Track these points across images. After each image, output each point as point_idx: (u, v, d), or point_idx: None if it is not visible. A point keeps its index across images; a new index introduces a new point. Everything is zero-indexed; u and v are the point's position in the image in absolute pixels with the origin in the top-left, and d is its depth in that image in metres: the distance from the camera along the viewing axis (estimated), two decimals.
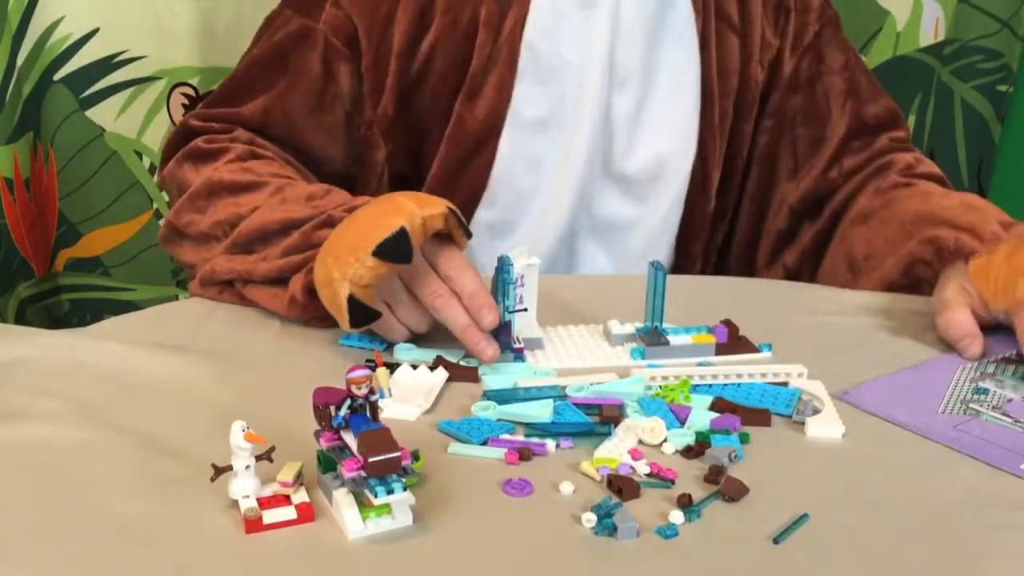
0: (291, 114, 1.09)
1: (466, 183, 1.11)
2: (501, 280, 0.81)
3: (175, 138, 1.11)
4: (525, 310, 0.85)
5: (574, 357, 0.84)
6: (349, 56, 1.08)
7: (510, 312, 0.81)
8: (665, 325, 0.86)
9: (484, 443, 0.71)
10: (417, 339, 0.86)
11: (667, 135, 1.14)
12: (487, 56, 1.07)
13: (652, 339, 0.85)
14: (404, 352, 0.84)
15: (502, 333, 0.81)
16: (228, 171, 1.01)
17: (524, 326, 0.86)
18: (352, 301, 0.79)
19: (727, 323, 0.87)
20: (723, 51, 1.15)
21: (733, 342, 0.86)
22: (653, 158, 1.14)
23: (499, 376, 0.80)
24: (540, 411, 0.74)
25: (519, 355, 0.83)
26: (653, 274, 0.85)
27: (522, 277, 0.84)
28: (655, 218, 1.16)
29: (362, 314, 0.80)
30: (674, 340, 0.85)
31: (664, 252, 1.18)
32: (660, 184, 1.15)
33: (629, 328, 0.87)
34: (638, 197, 1.15)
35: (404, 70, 1.08)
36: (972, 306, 0.89)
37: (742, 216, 1.23)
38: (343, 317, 0.80)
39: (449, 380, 0.80)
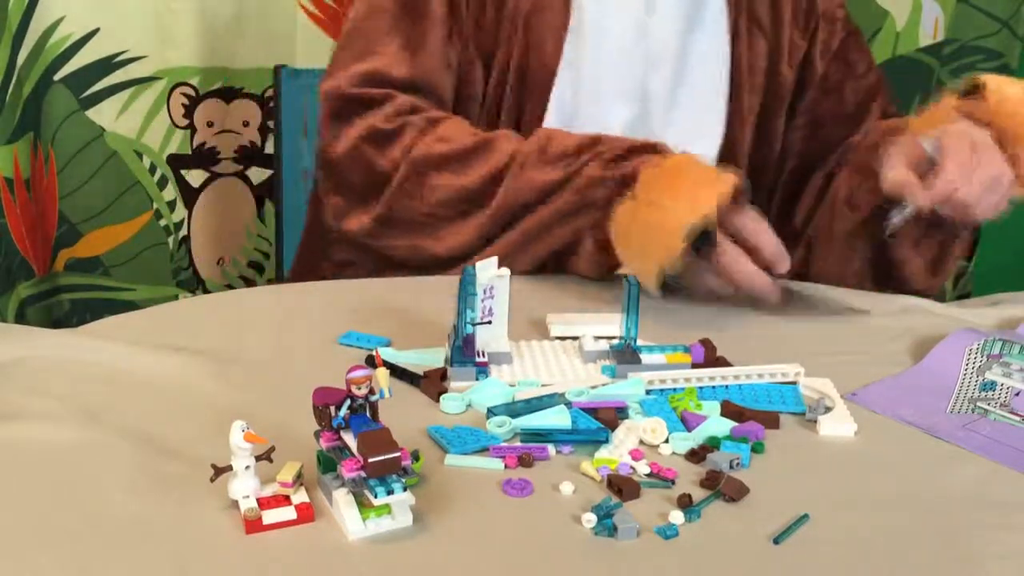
0: (434, 59, 1.09)
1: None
2: (463, 292, 0.79)
3: (331, 108, 1.09)
4: (489, 323, 0.83)
5: (541, 373, 0.82)
6: None
7: (472, 325, 0.79)
8: (641, 343, 0.85)
9: (486, 450, 0.71)
10: (401, 340, 0.86)
11: (696, 117, 1.17)
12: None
13: (624, 357, 0.83)
14: (388, 355, 0.83)
15: (465, 346, 0.79)
16: (426, 147, 1.02)
17: (491, 339, 0.84)
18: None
19: (705, 342, 0.85)
20: (753, 50, 1.19)
21: (710, 362, 0.84)
22: (685, 136, 1.14)
23: (485, 393, 0.78)
24: (559, 418, 0.74)
25: (482, 369, 0.80)
26: (628, 289, 0.83)
27: (491, 288, 0.83)
28: None
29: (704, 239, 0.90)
30: (647, 358, 0.83)
31: None
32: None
33: (603, 345, 0.86)
34: None
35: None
36: (909, 158, 0.98)
37: (773, 207, 1.26)
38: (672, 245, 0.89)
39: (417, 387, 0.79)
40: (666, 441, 0.72)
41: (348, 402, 0.62)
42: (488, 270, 0.82)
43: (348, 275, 1.11)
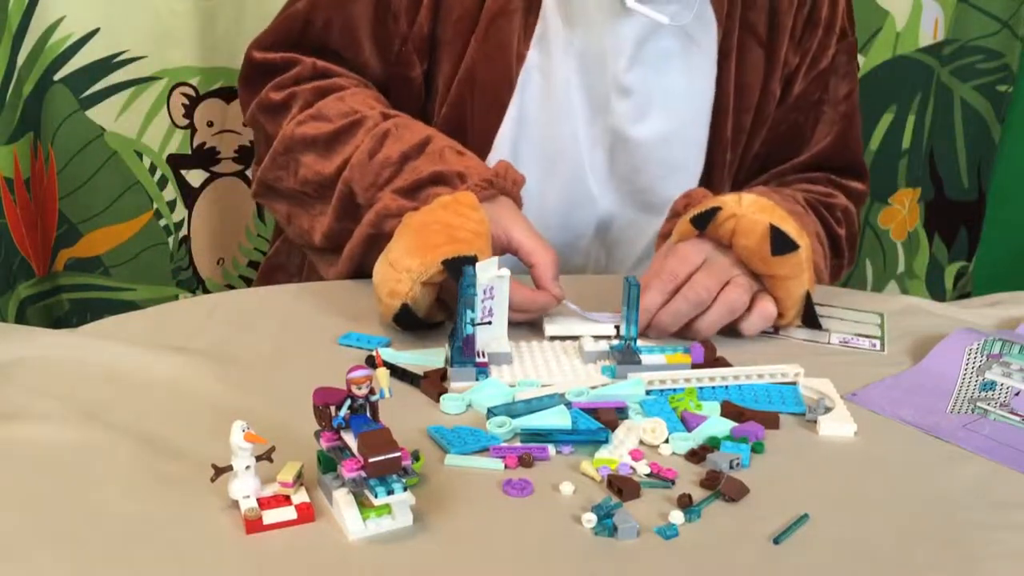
0: (351, 22, 1.09)
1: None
2: (463, 292, 0.79)
3: (245, 72, 1.13)
4: (489, 323, 0.83)
5: (541, 373, 0.82)
6: None
7: (473, 325, 0.80)
8: (641, 343, 0.85)
9: (486, 450, 0.71)
10: (401, 340, 0.86)
11: (670, 152, 1.13)
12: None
13: (625, 358, 0.83)
14: (388, 355, 0.83)
15: (465, 347, 0.80)
16: (298, 124, 1.03)
17: (491, 340, 0.84)
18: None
19: (704, 343, 0.85)
20: (745, 65, 1.12)
21: (710, 363, 0.83)
22: (662, 172, 1.13)
23: (485, 393, 0.78)
24: (559, 418, 0.74)
25: (482, 369, 0.81)
26: (627, 289, 0.83)
27: (491, 289, 0.83)
28: (653, 235, 1.13)
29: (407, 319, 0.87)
30: (647, 359, 0.83)
31: None
32: (664, 201, 1.11)
33: (603, 345, 0.86)
34: (648, 208, 1.15)
35: None
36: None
37: None
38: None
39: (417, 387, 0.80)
40: (666, 441, 0.72)
41: (348, 402, 0.62)
42: (488, 270, 0.82)
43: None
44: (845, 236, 1.15)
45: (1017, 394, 0.80)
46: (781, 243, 0.88)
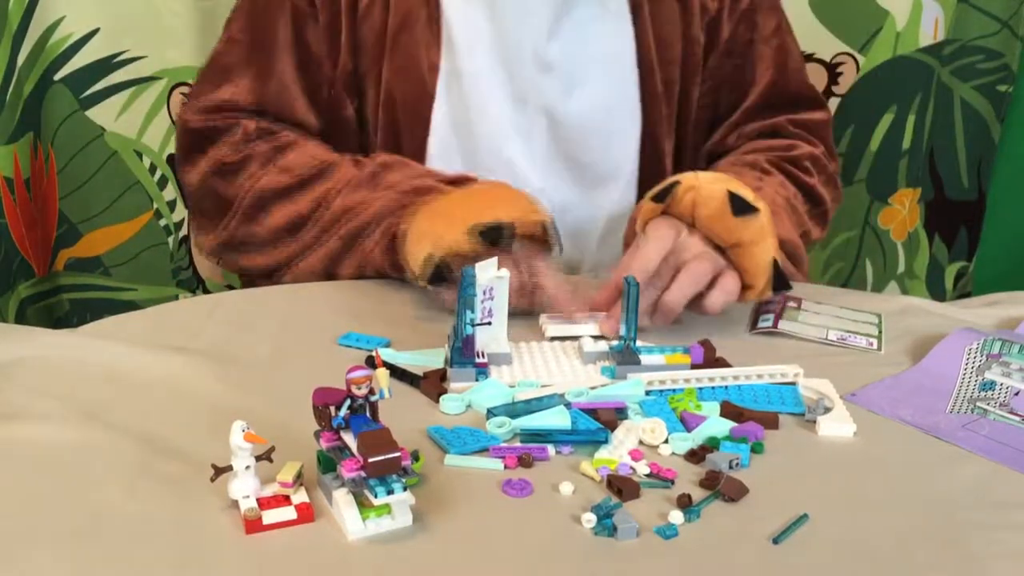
0: (282, 86, 1.10)
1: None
2: (464, 293, 0.79)
3: (182, 140, 1.12)
4: (489, 323, 0.83)
5: (541, 374, 0.82)
6: (311, 14, 1.08)
7: (472, 325, 0.80)
8: (640, 344, 0.85)
9: (485, 450, 0.71)
10: (401, 340, 0.86)
11: (604, 118, 1.13)
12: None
13: (624, 358, 0.83)
14: (388, 355, 0.83)
15: (465, 347, 0.80)
16: (265, 177, 1.05)
17: (491, 340, 0.84)
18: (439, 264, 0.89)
19: (704, 343, 0.85)
20: (661, 17, 1.13)
21: (710, 363, 0.84)
22: (599, 140, 1.13)
23: (485, 394, 0.78)
24: (559, 419, 0.74)
25: (482, 370, 0.81)
26: (627, 290, 0.83)
27: (491, 289, 0.83)
28: (609, 208, 1.16)
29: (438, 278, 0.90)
30: (647, 359, 0.83)
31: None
32: (610, 170, 1.14)
33: (602, 346, 0.86)
34: (596, 183, 1.15)
35: (352, 25, 1.08)
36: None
37: None
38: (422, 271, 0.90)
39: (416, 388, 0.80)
40: (666, 441, 0.72)
41: (348, 402, 0.62)
42: (488, 271, 0.82)
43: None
44: (819, 182, 1.16)
45: (1017, 394, 0.80)
46: (740, 205, 0.89)
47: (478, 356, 0.81)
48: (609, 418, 0.74)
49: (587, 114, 1.12)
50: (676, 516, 0.63)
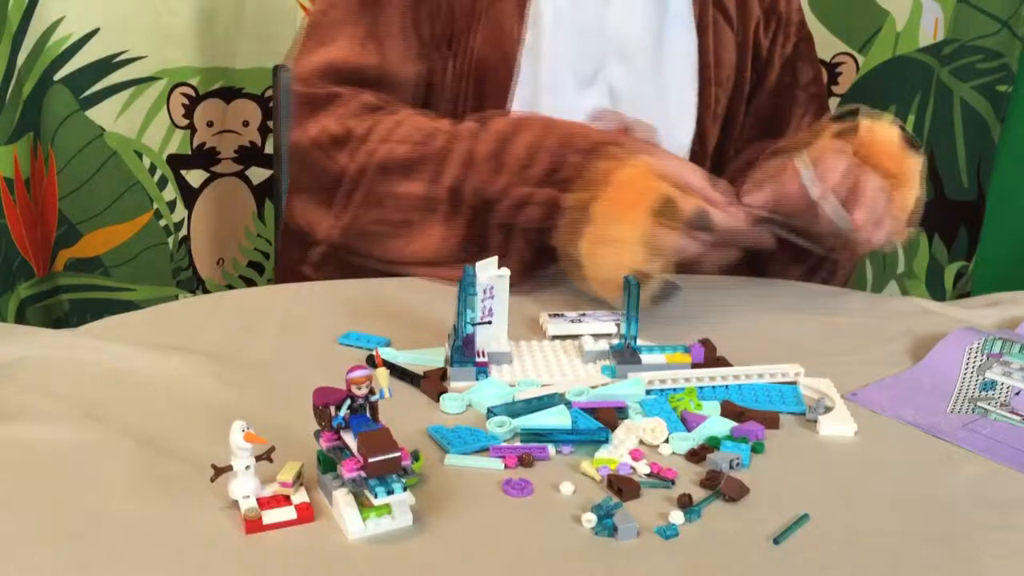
0: (390, 49, 1.09)
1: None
2: (464, 292, 0.79)
3: (305, 109, 1.09)
4: (489, 323, 0.83)
5: (541, 373, 0.82)
6: None
7: (473, 325, 0.80)
8: (641, 343, 0.84)
9: (486, 450, 0.71)
10: (401, 340, 0.86)
11: (666, 111, 1.16)
12: None
13: (625, 357, 0.83)
14: (388, 355, 0.83)
15: (465, 346, 0.79)
16: (385, 153, 1.02)
17: (491, 339, 0.84)
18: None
19: (705, 342, 0.85)
20: (720, 40, 1.17)
21: (710, 362, 0.83)
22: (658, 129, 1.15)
23: (485, 393, 0.78)
24: (559, 418, 0.74)
25: (482, 369, 0.81)
26: (628, 289, 0.82)
27: (491, 288, 0.83)
28: None
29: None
30: (647, 359, 0.83)
31: None
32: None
33: (603, 345, 0.85)
34: None
35: None
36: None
37: None
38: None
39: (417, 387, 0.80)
40: (666, 441, 0.72)
41: (348, 402, 0.62)
42: (488, 270, 0.82)
43: (327, 275, 1.12)
44: None
45: (1017, 393, 0.80)
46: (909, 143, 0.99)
47: (478, 355, 0.81)
48: (609, 417, 0.74)
49: (650, 103, 1.14)
50: (676, 516, 0.63)
